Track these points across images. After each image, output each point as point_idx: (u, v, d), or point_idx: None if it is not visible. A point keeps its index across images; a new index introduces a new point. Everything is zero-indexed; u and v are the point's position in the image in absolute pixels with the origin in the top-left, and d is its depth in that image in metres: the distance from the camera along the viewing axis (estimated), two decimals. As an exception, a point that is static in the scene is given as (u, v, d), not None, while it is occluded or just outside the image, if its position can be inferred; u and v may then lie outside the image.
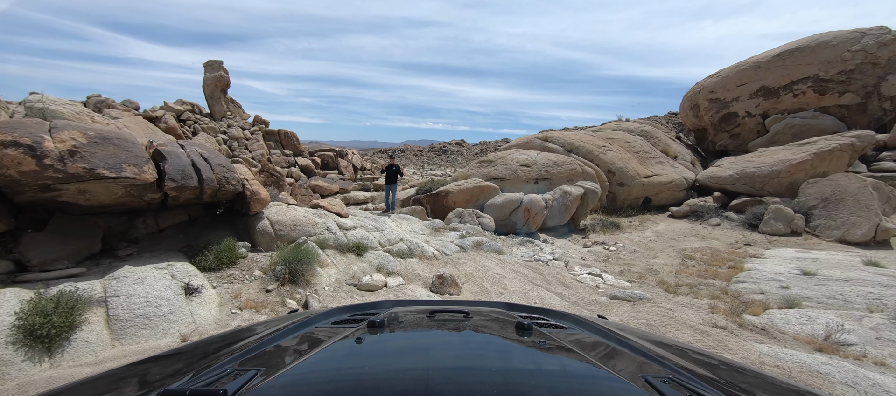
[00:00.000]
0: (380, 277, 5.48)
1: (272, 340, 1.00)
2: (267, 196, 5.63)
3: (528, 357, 0.90)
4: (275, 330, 1.09)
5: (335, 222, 6.62)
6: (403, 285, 5.53)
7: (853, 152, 12.64)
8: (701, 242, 10.84)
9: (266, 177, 7.86)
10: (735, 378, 0.87)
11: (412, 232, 8.41)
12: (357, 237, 6.46)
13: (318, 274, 5.15)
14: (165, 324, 3.50)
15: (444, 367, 0.82)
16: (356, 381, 0.74)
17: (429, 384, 0.68)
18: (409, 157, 52.26)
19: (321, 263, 5.51)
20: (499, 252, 8.10)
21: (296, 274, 4.79)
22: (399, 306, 1.43)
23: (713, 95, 19.22)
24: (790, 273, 6.95)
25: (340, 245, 6.15)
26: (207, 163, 4.86)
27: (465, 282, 6.05)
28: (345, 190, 19.92)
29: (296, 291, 4.66)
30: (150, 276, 3.92)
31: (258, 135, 21.92)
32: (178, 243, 5.28)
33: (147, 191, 4.25)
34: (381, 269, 5.81)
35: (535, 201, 10.77)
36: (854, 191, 10.25)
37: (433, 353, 0.94)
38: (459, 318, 1.20)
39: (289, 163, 21.11)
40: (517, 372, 0.79)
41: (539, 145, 15.29)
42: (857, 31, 15.46)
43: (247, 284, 4.68)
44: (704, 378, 0.77)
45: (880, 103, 15.13)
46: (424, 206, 12.64)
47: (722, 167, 15.08)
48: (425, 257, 6.94)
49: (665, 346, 1.07)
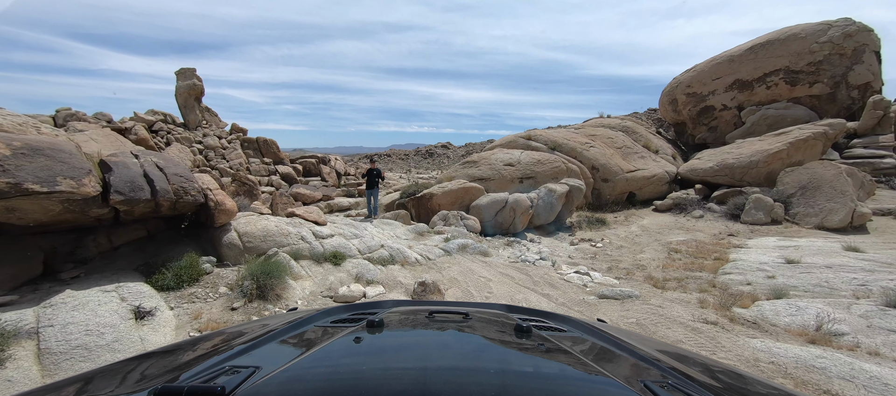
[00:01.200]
0: (358, 287, 5.17)
1: (271, 338, 0.99)
2: (233, 206, 5.25)
3: (526, 360, 0.90)
4: (273, 327, 1.08)
5: (310, 231, 6.28)
6: (383, 294, 5.23)
7: (826, 140, 12.96)
8: (686, 235, 10.86)
9: (238, 187, 7.44)
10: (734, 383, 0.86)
11: (394, 238, 8.11)
12: (334, 245, 6.13)
13: (290, 287, 4.81)
14: (108, 354, 3.12)
15: (442, 368, 0.81)
16: (354, 380, 0.73)
17: (426, 384, 0.68)
18: (395, 162, 51.85)
19: (294, 275, 5.17)
20: (484, 254, 7.88)
21: (265, 289, 4.44)
22: (398, 306, 1.41)
23: (690, 90, 19.56)
24: (774, 262, 6.95)
25: (316, 255, 5.81)
26: (162, 172, 4.47)
27: (449, 288, 5.79)
28: (328, 197, 19.42)
29: (265, 307, 4.31)
30: (94, 301, 3.52)
31: (236, 143, 21.22)
32: (135, 261, 4.86)
33: (91, 206, 3.85)
34: (360, 278, 5.50)
35: (521, 200, 10.61)
36: (830, 178, 10.45)
37: (431, 353, 0.93)
38: (458, 319, 1.19)
39: (269, 172, 20.48)
40: (515, 374, 0.79)
41: (523, 144, 15.20)
42: (824, 23, 15.96)
43: (210, 303, 4.30)
44: (703, 384, 0.77)
45: (848, 92, 15.62)
46: (409, 210, 12.34)
47: (702, 159, 15.28)
48: (408, 263, 6.65)
49: (664, 351, 1.07)
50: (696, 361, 1.03)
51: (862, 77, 15.22)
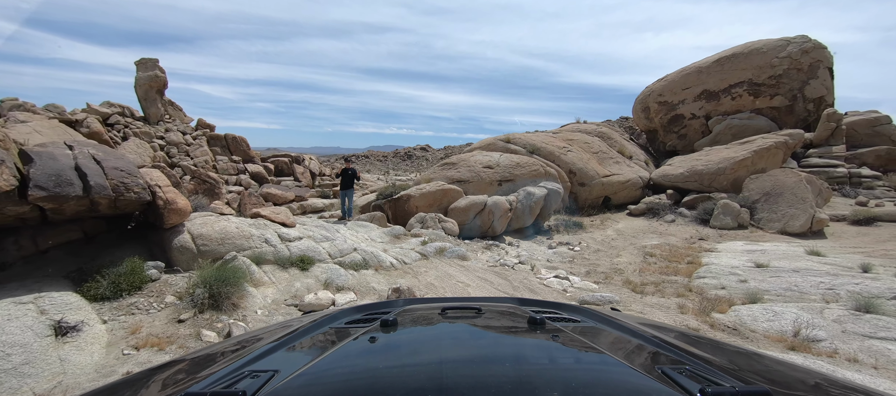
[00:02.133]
0: (327, 294, 4.77)
1: (288, 341, 1.00)
2: (186, 205, 4.73)
3: (541, 351, 0.90)
4: (290, 331, 1.10)
5: (276, 233, 5.80)
6: (354, 302, 4.86)
7: (787, 149, 13.64)
8: (659, 239, 11.07)
9: (197, 185, 6.84)
10: (751, 365, 0.86)
11: (369, 241, 7.72)
12: (302, 249, 5.69)
13: (249, 295, 4.35)
14: (15, 380, 2.61)
15: (457, 363, 0.81)
16: (371, 379, 0.74)
17: (442, 379, 0.68)
18: (373, 163, 51.09)
19: (255, 282, 4.71)
20: (463, 258, 7.62)
21: (219, 298, 3.98)
22: (410, 304, 1.43)
23: (662, 98, 20.24)
24: (745, 266, 7.09)
25: (281, 259, 5.35)
26: (99, 166, 3.93)
27: (425, 294, 5.48)
28: (301, 197, 18.63)
29: (218, 318, 3.85)
30: (2, 315, 2.97)
31: (202, 140, 20.01)
32: (66, 267, 4.25)
33: (6, 204, 3.28)
34: (330, 285, 5.10)
35: (500, 203, 10.46)
36: (791, 186, 10.94)
37: (446, 349, 0.94)
38: (471, 315, 1.19)
39: (238, 171, 19.42)
40: (530, 365, 0.78)
41: (502, 147, 15.13)
42: (783, 39, 16.91)
43: (153, 315, 3.79)
44: (720, 367, 0.76)
45: (805, 105, 16.59)
46: (385, 212, 11.94)
47: (673, 166, 15.76)
48: (382, 267, 6.29)
49: (680, 336, 1.06)
50: (713, 345, 1.01)
51: (817, 91, 16.21)
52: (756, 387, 0.66)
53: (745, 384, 0.68)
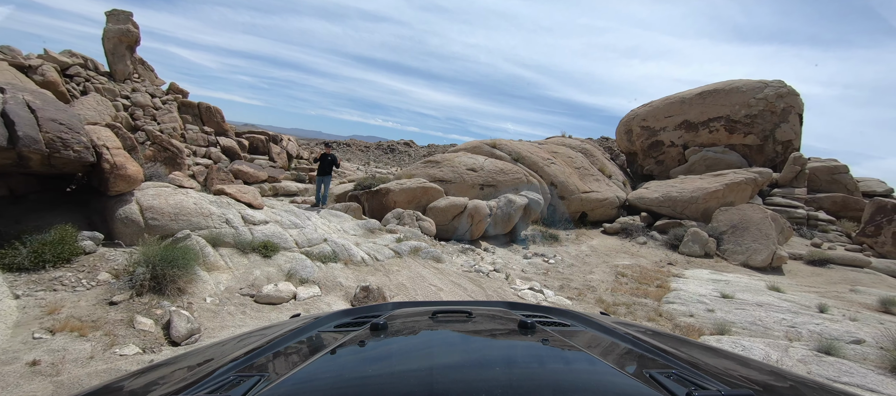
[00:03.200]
0: (288, 286, 4.39)
1: (275, 345, 0.97)
2: (137, 172, 4.22)
3: (531, 355, 0.90)
4: (277, 334, 1.05)
5: (240, 214, 5.34)
6: (318, 297, 4.50)
7: (755, 186, 14.27)
8: (631, 259, 11.25)
9: (157, 151, 6.22)
10: (737, 369, 0.87)
11: (341, 233, 7.33)
12: (267, 234, 5.26)
13: (199, 280, 3.92)
14: None
15: (448, 368, 0.81)
16: (360, 384, 0.73)
17: (433, 385, 0.68)
18: (354, 152, 50.07)
19: (209, 265, 4.27)
20: (437, 259, 7.38)
21: (163, 280, 3.53)
22: (400, 308, 1.40)
23: (645, 123, 20.80)
24: (711, 295, 7.23)
25: (242, 243, 4.91)
26: (33, 115, 3.40)
27: (395, 295, 5.20)
28: (275, 178, 17.82)
29: (158, 304, 3.41)
30: None
31: (172, 105, 18.73)
32: (-19, 228, 3.67)
33: None
34: (293, 276, 4.71)
35: (480, 207, 10.29)
36: (757, 221, 11.40)
37: (436, 354, 0.93)
38: (462, 319, 1.18)
39: (208, 143, 18.30)
40: (521, 370, 0.79)
41: (487, 151, 15.01)
42: (762, 82, 17.74)
43: (80, 293, 3.31)
44: (707, 371, 0.76)
45: (774, 146, 17.48)
46: (362, 204, 11.52)
47: (649, 189, 16.16)
48: (352, 262, 5.94)
49: (669, 341, 1.06)
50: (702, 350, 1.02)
51: (786, 135, 17.10)
52: (741, 391, 0.67)
53: (731, 387, 0.69)
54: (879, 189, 16.87)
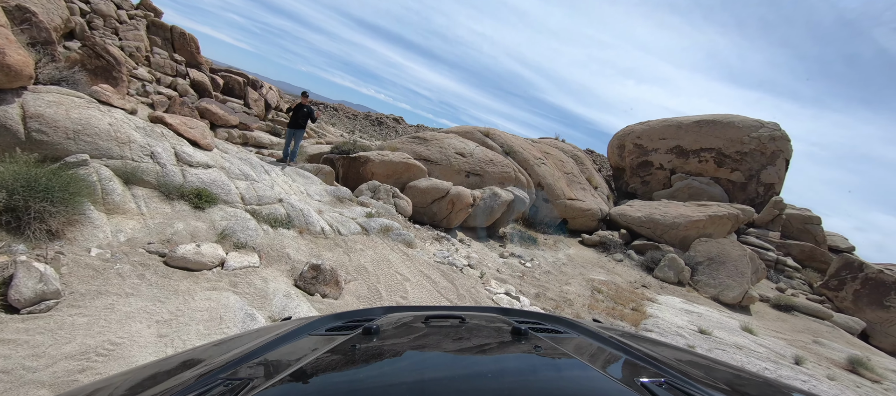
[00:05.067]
0: (214, 249, 3.51)
1: (264, 349, 0.95)
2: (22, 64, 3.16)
3: (523, 362, 0.90)
4: (266, 338, 1.03)
5: (173, 149, 4.33)
6: (254, 269, 3.65)
7: (736, 222, 14.30)
8: (607, 275, 10.93)
9: (85, 57, 5.05)
10: (729, 379, 0.88)
11: (303, 196, 6.42)
12: (205, 180, 4.30)
13: (90, 224, 2.98)
14: None
15: (440, 375, 0.81)
16: (350, 389, 0.72)
17: (425, 391, 0.68)
18: (341, 119, 48.12)
19: (111, 207, 3.32)
20: (409, 244, 6.62)
21: (26, 215, 2.59)
22: (391, 312, 1.39)
23: (639, 141, 20.60)
24: (689, 328, 6.89)
25: (168, 185, 3.94)
26: None
27: (352, 280, 4.41)
28: (246, 126, 16.36)
29: (7, 247, 2.47)
30: None
31: (141, 23, 16.67)
32: None
33: None
34: (227, 237, 3.83)
35: (463, 195, 9.57)
36: (735, 258, 11.32)
37: (428, 360, 0.92)
38: (455, 324, 1.18)
39: (177, 73, 16.49)
40: (513, 377, 0.80)
41: (479, 139, 14.24)
42: (758, 121, 17.78)
43: None
44: (699, 380, 0.77)
45: (757, 187, 17.67)
46: (337, 169, 10.53)
47: (633, 207, 15.97)
48: (309, 231, 5.09)
49: (663, 350, 1.06)
50: (695, 359, 1.02)
51: (771, 178, 17.29)
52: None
53: None
54: (843, 245, 17.44)
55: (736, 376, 0.91)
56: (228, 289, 3.01)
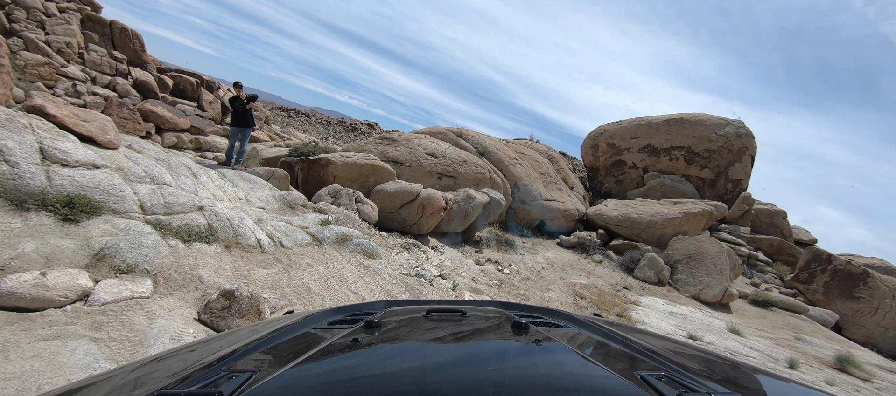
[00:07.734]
0: (73, 277, 2.56)
1: (267, 342, 0.96)
2: None
3: (524, 355, 0.91)
4: (269, 331, 1.04)
5: (38, 145, 3.32)
6: (139, 300, 2.71)
7: (710, 219, 14.33)
8: (587, 278, 10.47)
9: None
10: (728, 373, 0.89)
11: (242, 202, 5.46)
12: (85, 185, 3.32)
13: None
14: None
15: (441, 367, 0.81)
16: (353, 382, 0.72)
17: (425, 384, 0.69)
18: (313, 125, 46.44)
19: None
20: (370, 254, 5.78)
21: None
22: (393, 306, 1.40)
23: (611, 141, 20.65)
24: (678, 333, 6.43)
25: (22, 190, 2.94)
26: None
27: (285, 305, 3.53)
28: (199, 129, 14.98)
29: None
30: None
31: (73, 16, 14.95)
32: None
33: None
34: (106, 258, 2.88)
35: (434, 198, 8.82)
36: (713, 255, 11.16)
37: (429, 353, 0.93)
38: (456, 317, 1.19)
39: (116, 71, 14.87)
40: (513, 371, 0.80)
41: (452, 139, 13.58)
42: (724, 119, 18.17)
43: None
44: (697, 373, 0.78)
45: (725, 183, 17.99)
46: (295, 173, 9.53)
47: (609, 207, 15.77)
48: (239, 245, 4.16)
49: (662, 343, 1.06)
50: (693, 352, 1.02)
51: (738, 174, 17.65)
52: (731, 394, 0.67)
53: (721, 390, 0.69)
54: (806, 238, 18.01)
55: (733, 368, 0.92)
56: (83, 335, 2.11)
